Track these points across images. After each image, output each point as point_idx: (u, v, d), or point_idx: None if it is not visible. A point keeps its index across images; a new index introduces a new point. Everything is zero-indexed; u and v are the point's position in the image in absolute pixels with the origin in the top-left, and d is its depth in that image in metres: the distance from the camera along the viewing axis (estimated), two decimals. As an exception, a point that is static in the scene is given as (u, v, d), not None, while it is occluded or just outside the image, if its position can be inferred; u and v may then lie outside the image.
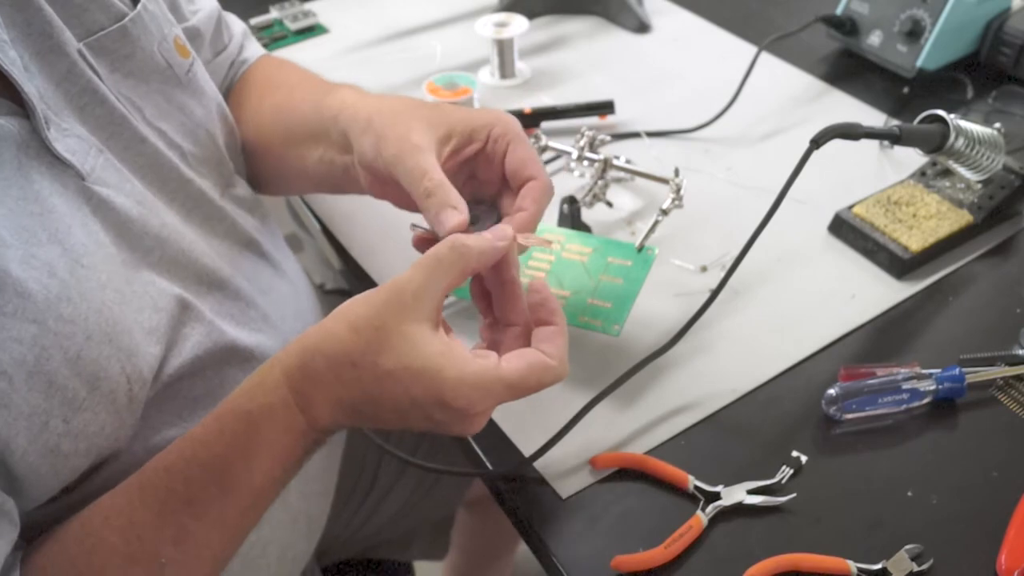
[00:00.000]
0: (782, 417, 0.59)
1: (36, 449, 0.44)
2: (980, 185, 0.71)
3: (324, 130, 0.61)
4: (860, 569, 0.50)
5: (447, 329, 0.48)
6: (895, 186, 0.73)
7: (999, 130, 0.67)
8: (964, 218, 0.69)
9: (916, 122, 0.66)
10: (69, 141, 0.48)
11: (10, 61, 0.46)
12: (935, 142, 0.64)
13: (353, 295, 0.48)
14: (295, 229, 1.06)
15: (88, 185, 0.49)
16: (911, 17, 0.86)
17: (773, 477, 0.55)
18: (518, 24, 0.92)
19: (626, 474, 0.56)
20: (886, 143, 0.79)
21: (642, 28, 1.01)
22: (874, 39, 0.90)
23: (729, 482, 0.55)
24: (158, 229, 0.53)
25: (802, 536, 0.52)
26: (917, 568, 0.50)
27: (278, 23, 1.07)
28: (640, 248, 0.64)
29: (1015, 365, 0.59)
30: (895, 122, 0.83)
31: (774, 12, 1.03)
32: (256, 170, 0.69)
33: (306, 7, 1.08)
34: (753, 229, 0.58)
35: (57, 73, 0.50)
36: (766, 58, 0.92)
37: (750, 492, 0.54)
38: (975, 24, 0.87)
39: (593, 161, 0.75)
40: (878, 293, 0.67)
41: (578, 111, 0.86)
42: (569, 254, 0.66)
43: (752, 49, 0.91)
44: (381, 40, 1.03)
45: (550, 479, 0.56)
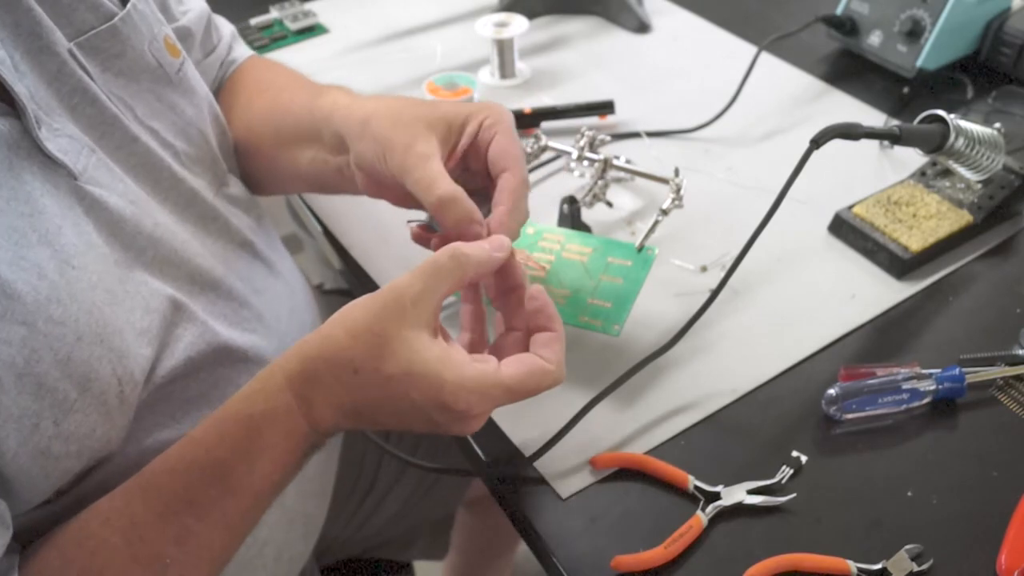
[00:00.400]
0: (782, 417, 0.59)
1: (26, 451, 0.43)
2: (980, 185, 0.71)
3: (316, 131, 0.61)
4: (860, 569, 0.50)
5: (445, 335, 0.49)
6: (895, 186, 0.73)
7: (999, 130, 0.67)
8: (964, 218, 0.69)
9: (916, 122, 0.66)
10: (61, 141, 0.48)
11: None
12: (935, 142, 0.64)
13: (353, 295, 0.48)
14: (295, 229, 1.06)
15: (80, 185, 0.49)
16: (911, 17, 0.86)
17: (773, 477, 0.55)
18: (518, 24, 0.92)
19: (626, 474, 0.56)
20: (886, 143, 0.79)
21: (642, 28, 1.01)
22: (874, 39, 0.90)
23: (729, 482, 0.55)
24: (151, 229, 0.52)
25: (802, 536, 0.52)
26: (917, 568, 0.50)
27: (278, 23, 1.07)
28: (640, 248, 0.64)
29: (1015, 365, 0.59)
30: (895, 122, 0.83)
31: (774, 12, 1.03)
32: (248, 170, 0.69)
33: (306, 7, 1.08)
34: (753, 229, 0.58)
35: (48, 73, 0.50)
36: (766, 58, 0.92)
37: (750, 492, 0.54)
38: (975, 24, 0.87)
39: (593, 161, 0.75)
40: (878, 293, 0.67)
41: (578, 111, 0.86)
42: (569, 254, 0.66)
43: (752, 49, 0.91)
44: (381, 40, 1.03)
45: (550, 479, 0.57)
